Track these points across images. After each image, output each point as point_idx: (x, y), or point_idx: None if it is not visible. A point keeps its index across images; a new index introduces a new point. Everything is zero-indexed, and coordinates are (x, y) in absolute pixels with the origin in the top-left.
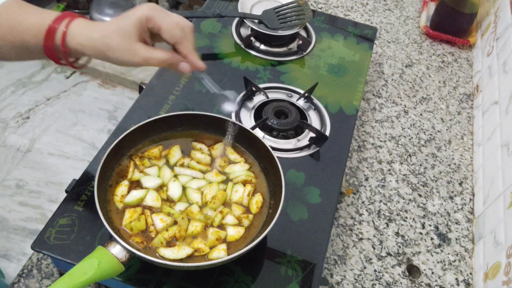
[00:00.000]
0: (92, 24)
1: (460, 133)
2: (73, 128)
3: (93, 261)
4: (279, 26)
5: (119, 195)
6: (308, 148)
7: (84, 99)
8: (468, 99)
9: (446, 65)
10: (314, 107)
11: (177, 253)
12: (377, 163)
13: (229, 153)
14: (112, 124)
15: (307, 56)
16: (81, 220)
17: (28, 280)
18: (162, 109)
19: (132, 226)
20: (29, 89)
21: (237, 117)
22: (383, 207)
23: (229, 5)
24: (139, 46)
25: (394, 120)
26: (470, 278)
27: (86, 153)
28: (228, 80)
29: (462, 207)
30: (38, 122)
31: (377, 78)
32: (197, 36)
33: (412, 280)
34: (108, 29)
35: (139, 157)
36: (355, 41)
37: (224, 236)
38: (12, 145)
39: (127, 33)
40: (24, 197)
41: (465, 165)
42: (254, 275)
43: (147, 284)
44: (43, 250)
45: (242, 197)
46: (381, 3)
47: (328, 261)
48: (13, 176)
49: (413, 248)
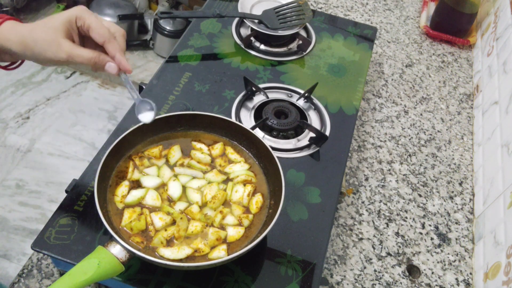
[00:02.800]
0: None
1: (460, 133)
2: (73, 128)
3: (93, 261)
4: (279, 26)
5: (120, 195)
6: (308, 148)
7: (84, 99)
8: (468, 99)
9: (446, 65)
10: (314, 107)
11: (177, 253)
12: (377, 163)
13: (229, 153)
14: (112, 124)
15: (307, 56)
16: (81, 220)
17: (28, 280)
18: (162, 109)
19: (132, 226)
20: (29, 89)
21: (237, 117)
22: (383, 207)
23: (229, 5)
24: (65, 41)
25: (394, 120)
26: (470, 278)
27: (86, 153)
28: (228, 80)
29: (462, 207)
30: (38, 122)
31: (377, 78)
32: (197, 36)
33: (412, 280)
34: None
35: (139, 157)
36: (355, 41)
37: (224, 236)
38: (12, 145)
39: (54, 28)
40: (24, 197)
41: (465, 165)
42: (254, 275)
43: (147, 284)
44: (43, 250)
45: (242, 197)
46: (381, 3)
47: (328, 261)
48: (13, 176)
49: (413, 248)
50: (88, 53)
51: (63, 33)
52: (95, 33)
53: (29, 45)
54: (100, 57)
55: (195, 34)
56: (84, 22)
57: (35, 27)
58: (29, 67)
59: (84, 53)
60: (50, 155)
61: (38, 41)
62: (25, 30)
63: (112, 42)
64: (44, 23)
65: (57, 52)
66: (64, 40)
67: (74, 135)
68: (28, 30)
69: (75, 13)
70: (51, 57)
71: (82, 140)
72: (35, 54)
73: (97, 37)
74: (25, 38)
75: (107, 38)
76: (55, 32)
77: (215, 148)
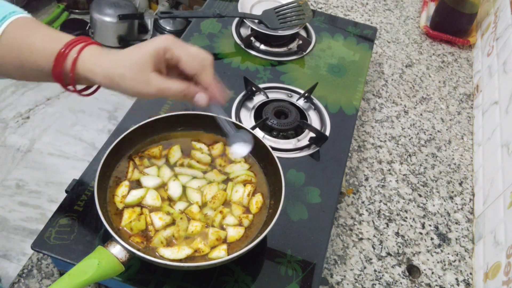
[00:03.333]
0: (105, 52)
1: (460, 133)
2: (73, 128)
3: (93, 261)
4: (279, 26)
5: (120, 195)
6: (308, 148)
7: (84, 99)
8: (468, 99)
9: (446, 65)
10: (314, 107)
11: (177, 253)
12: (377, 163)
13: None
14: (112, 124)
15: (307, 56)
16: (81, 220)
17: (28, 280)
18: (162, 109)
19: (132, 226)
20: (29, 89)
21: (237, 117)
22: (383, 207)
23: (229, 5)
24: (154, 76)
25: (394, 120)
26: (470, 278)
27: (86, 153)
28: (228, 80)
29: (462, 207)
30: (38, 122)
31: (377, 78)
32: (197, 36)
33: (412, 280)
34: (123, 58)
35: (139, 157)
36: (355, 41)
37: (224, 236)
38: (12, 145)
39: (142, 63)
40: (24, 197)
41: (465, 165)
42: (254, 275)
43: (147, 284)
44: (43, 250)
45: (242, 197)
46: (381, 3)
47: (328, 261)
48: (13, 176)
49: (413, 248)
50: (178, 85)
51: (151, 67)
52: (185, 65)
53: (115, 80)
54: (190, 88)
55: (195, 34)
56: (173, 54)
57: (120, 60)
58: None
59: (174, 87)
60: (50, 155)
61: (125, 77)
62: (109, 63)
63: (203, 75)
64: (130, 55)
65: (146, 88)
66: (152, 74)
67: (74, 135)
68: (114, 64)
69: (164, 45)
70: (139, 92)
71: (82, 140)
72: (122, 89)
73: (187, 69)
74: (111, 73)
75: (198, 71)
76: (144, 68)
77: (215, 148)
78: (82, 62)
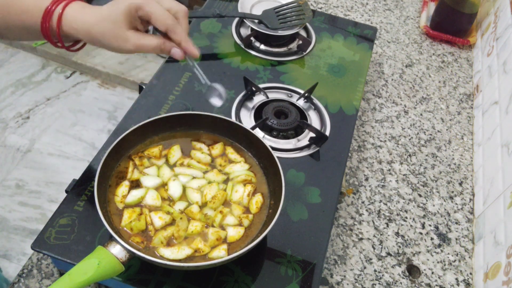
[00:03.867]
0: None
1: (460, 133)
2: (73, 128)
3: (93, 261)
4: (279, 26)
5: (120, 195)
6: (308, 148)
7: (84, 99)
8: (468, 99)
9: (446, 65)
10: (314, 107)
11: (177, 253)
12: (377, 163)
13: (229, 153)
14: (112, 124)
15: (307, 56)
16: (81, 220)
17: (28, 280)
18: (162, 109)
19: (132, 226)
20: (29, 89)
21: (237, 117)
22: (383, 207)
23: (229, 5)
24: (130, 33)
25: (394, 120)
26: (470, 278)
27: (86, 153)
28: (228, 80)
29: (462, 207)
30: (38, 122)
31: (377, 78)
32: (197, 36)
33: (412, 280)
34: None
35: (139, 157)
36: (355, 41)
37: (224, 236)
38: (12, 145)
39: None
40: (24, 197)
41: (465, 165)
42: (254, 275)
43: (147, 284)
44: (43, 250)
45: (242, 197)
46: (381, 3)
47: (328, 261)
48: (13, 176)
49: (413, 248)
50: (154, 41)
51: (127, 25)
52: (157, 23)
53: (96, 37)
54: (166, 43)
55: (195, 34)
56: (144, 12)
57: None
58: (29, 67)
59: (150, 42)
60: (50, 155)
61: (105, 34)
62: (91, 20)
63: (175, 31)
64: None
65: (125, 45)
66: (129, 32)
67: (74, 135)
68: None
69: (136, 3)
70: (119, 48)
71: (82, 140)
72: (103, 44)
73: (160, 26)
74: (92, 30)
75: (170, 27)
76: (120, 26)
77: (215, 148)
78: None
